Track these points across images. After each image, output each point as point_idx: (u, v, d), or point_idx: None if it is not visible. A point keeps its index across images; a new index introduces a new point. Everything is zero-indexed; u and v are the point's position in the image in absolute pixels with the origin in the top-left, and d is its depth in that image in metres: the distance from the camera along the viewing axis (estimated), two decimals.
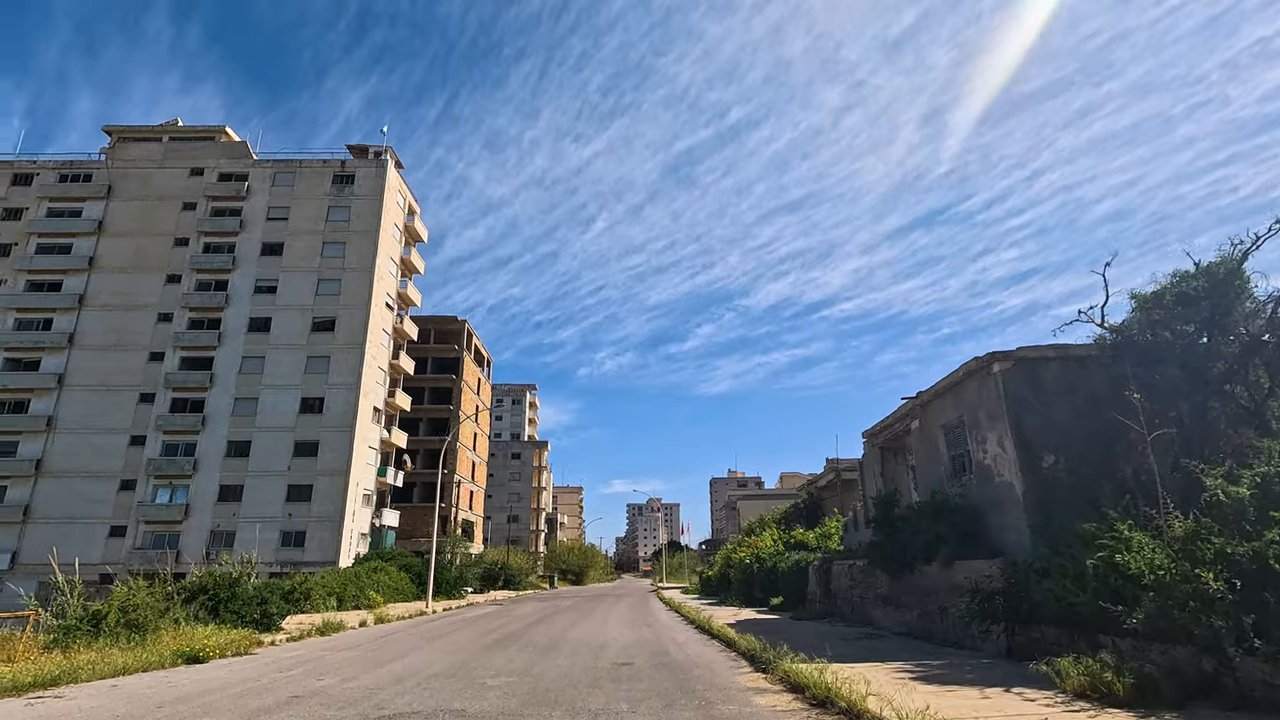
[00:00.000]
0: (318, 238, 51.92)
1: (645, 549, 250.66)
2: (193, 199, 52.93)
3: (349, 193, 53.28)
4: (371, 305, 50.30)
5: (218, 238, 51.95)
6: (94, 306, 50.24)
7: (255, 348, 49.16)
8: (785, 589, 22.33)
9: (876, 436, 18.53)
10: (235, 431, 47.27)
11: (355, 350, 49.13)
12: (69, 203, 52.91)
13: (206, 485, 46.16)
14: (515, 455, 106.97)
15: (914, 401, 15.32)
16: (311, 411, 47.89)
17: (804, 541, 25.11)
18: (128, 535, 45.24)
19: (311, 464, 46.69)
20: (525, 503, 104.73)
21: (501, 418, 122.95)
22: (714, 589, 38.11)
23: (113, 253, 51.53)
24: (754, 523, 34.35)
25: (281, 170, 53.85)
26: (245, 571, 24.01)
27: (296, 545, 45.26)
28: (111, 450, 46.90)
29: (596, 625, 20.62)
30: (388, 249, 53.58)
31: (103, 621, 14.26)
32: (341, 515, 45.60)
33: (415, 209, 59.54)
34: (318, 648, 15.18)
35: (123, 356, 49.02)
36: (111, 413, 47.71)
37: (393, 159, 56.12)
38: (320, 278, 50.94)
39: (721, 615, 19.98)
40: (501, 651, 13.89)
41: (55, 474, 46.43)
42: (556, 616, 25.08)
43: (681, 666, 11.05)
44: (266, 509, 45.70)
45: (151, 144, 55.11)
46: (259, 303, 50.23)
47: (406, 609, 27.69)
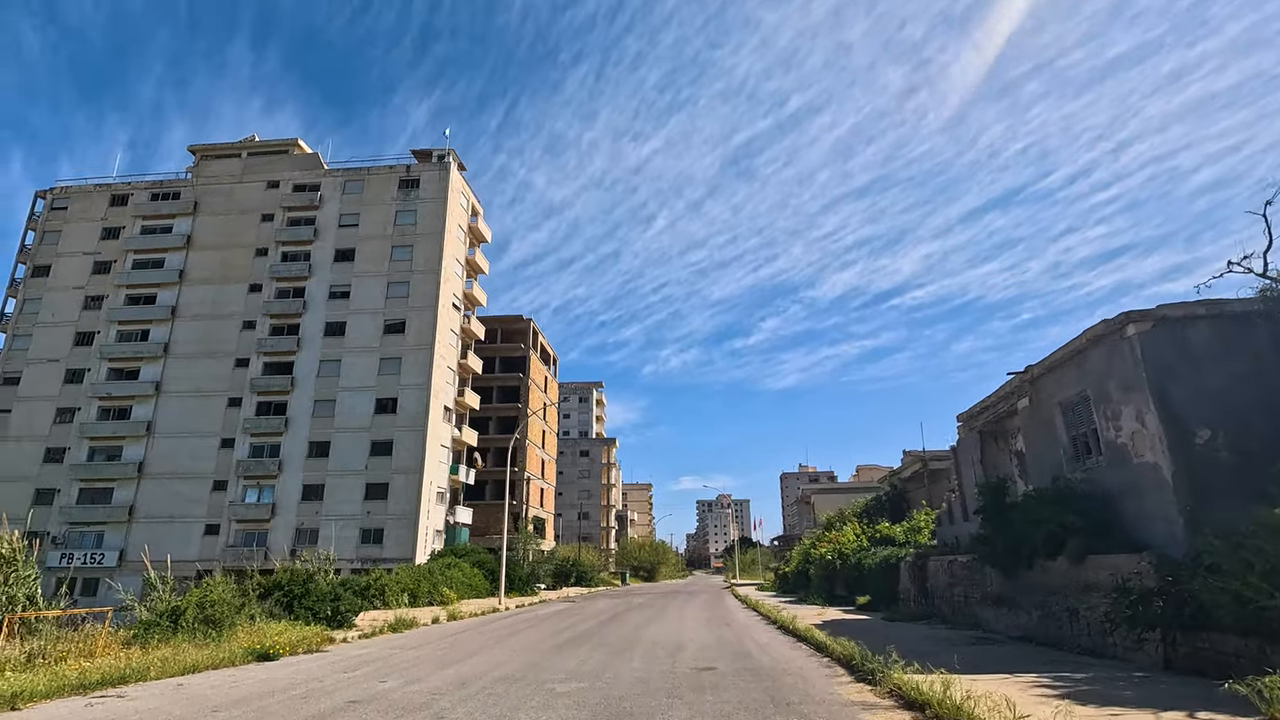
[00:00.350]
0: (386, 242, 53.08)
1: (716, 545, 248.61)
2: (270, 210, 55.09)
3: (414, 197, 54.25)
4: (439, 306, 51.01)
5: (294, 246, 53.87)
6: (185, 317, 52.99)
7: (331, 351, 50.68)
8: (872, 587, 20.76)
9: (974, 420, 16.77)
10: (315, 433, 48.84)
11: (425, 351, 49.93)
12: (160, 220, 56.05)
13: (290, 485, 47.88)
14: (584, 453, 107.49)
15: (1022, 377, 13.61)
16: (385, 412, 48.97)
17: (890, 536, 23.39)
18: (221, 533, 47.44)
19: (387, 463, 47.72)
20: (595, 500, 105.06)
21: (569, 416, 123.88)
22: (791, 586, 36.54)
23: (200, 265, 54.23)
24: (832, 517, 32.65)
25: (351, 178, 55.38)
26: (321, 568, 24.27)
27: (375, 542, 46.36)
28: (204, 453, 49.30)
29: (671, 624, 19.67)
30: (453, 250, 54.26)
31: (181, 617, 14.33)
32: (417, 513, 46.39)
33: (478, 210, 60.16)
34: (387, 646, 14.84)
35: (212, 364, 51.48)
36: (203, 417, 50.17)
37: (455, 161, 56.82)
38: (390, 281, 52.06)
39: (804, 614, 18.66)
40: (573, 652, 13.12)
41: (155, 476, 49.19)
42: (629, 614, 24.29)
43: (769, 673, 9.93)
44: (346, 507, 47.00)
45: (231, 160, 57.74)
46: (334, 308, 51.77)
47: (479, 605, 27.53)
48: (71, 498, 49.30)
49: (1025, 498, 12.16)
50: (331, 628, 16.60)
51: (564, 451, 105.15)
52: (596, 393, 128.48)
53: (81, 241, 55.98)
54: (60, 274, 55.22)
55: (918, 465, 27.60)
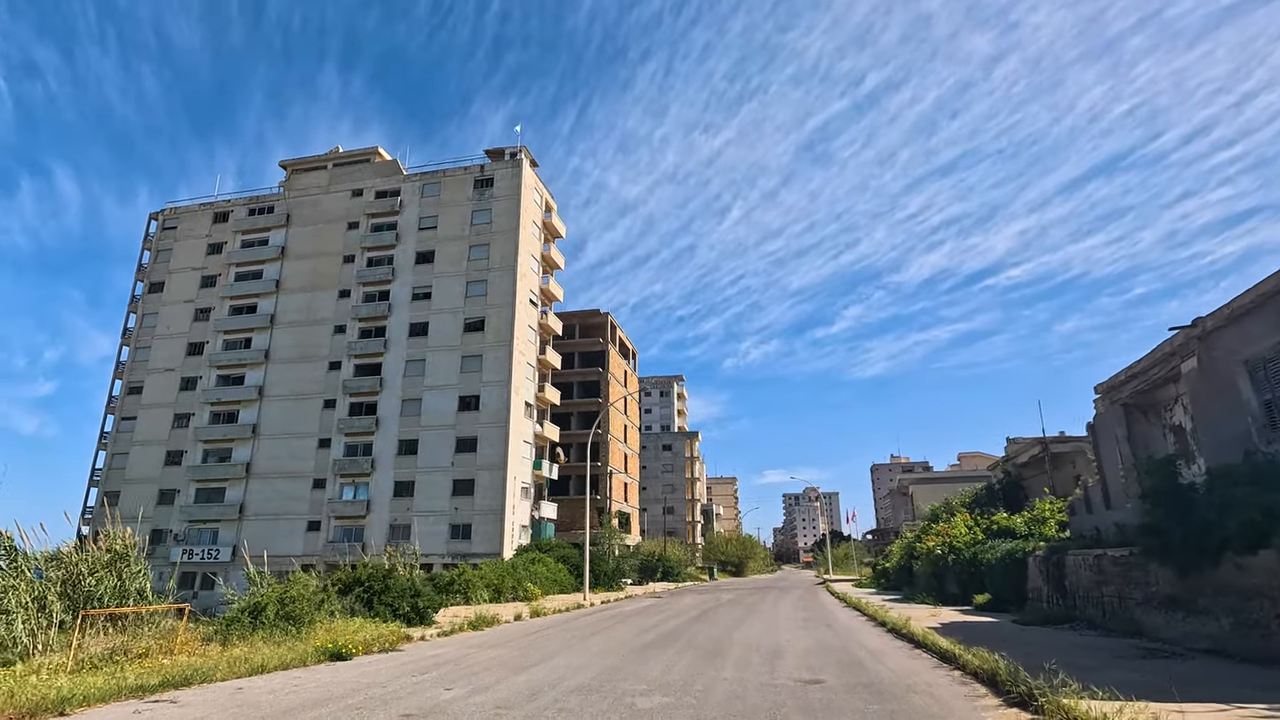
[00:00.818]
0: (464, 242, 53.73)
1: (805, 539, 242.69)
2: (355, 218, 56.96)
3: (489, 196, 54.67)
4: (516, 303, 51.13)
5: (378, 251, 55.45)
6: (282, 324, 55.58)
7: (416, 351, 51.78)
8: (993, 585, 18.44)
9: (1118, 390, 14.30)
10: (404, 431, 50.02)
11: (504, 347, 50.17)
12: (257, 233, 59.08)
13: (383, 482, 49.24)
14: (666, 447, 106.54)
15: (1187, 333, 11.23)
16: (469, 409, 49.54)
17: (1010, 528, 20.85)
18: (321, 530, 49.39)
19: (472, 459, 48.24)
20: (679, 494, 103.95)
21: (651, 410, 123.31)
22: (893, 582, 34.02)
23: (294, 274, 56.75)
24: (937, 508, 29.97)
25: (428, 181, 56.44)
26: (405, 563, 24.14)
27: (464, 538, 46.96)
28: (304, 453, 51.49)
29: (765, 623, 18.12)
30: (528, 246, 54.31)
31: (262, 614, 14.13)
32: (502, 508, 46.62)
33: (552, 205, 60.06)
34: (464, 645, 14.10)
35: (308, 367, 53.73)
36: (302, 419, 52.43)
37: (527, 158, 56.88)
38: (468, 280, 52.66)
39: (915, 615, 16.66)
40: (658, 655, 11.87)
41: (262, 475, 51.82)
42: (718, 611, 22.87)
43: (890, 690, 8.31)
44: (435, 503, 47.86)
45: (318, 172, 60.14)
46: (416, 309, 52.89)
47: (564, 601, 26.86)
48: (190, 497, 52.71)
49: (1210, 477, 9.87)
50: (411, 625, 16.12)
51: (646, 446, 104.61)
52: (677, 386, 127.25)
53: (190, 258, 59.83)
54: (172, 289, 59.22)
55: (1036, 449, 24.71)
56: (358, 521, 48.98)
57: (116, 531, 17.37)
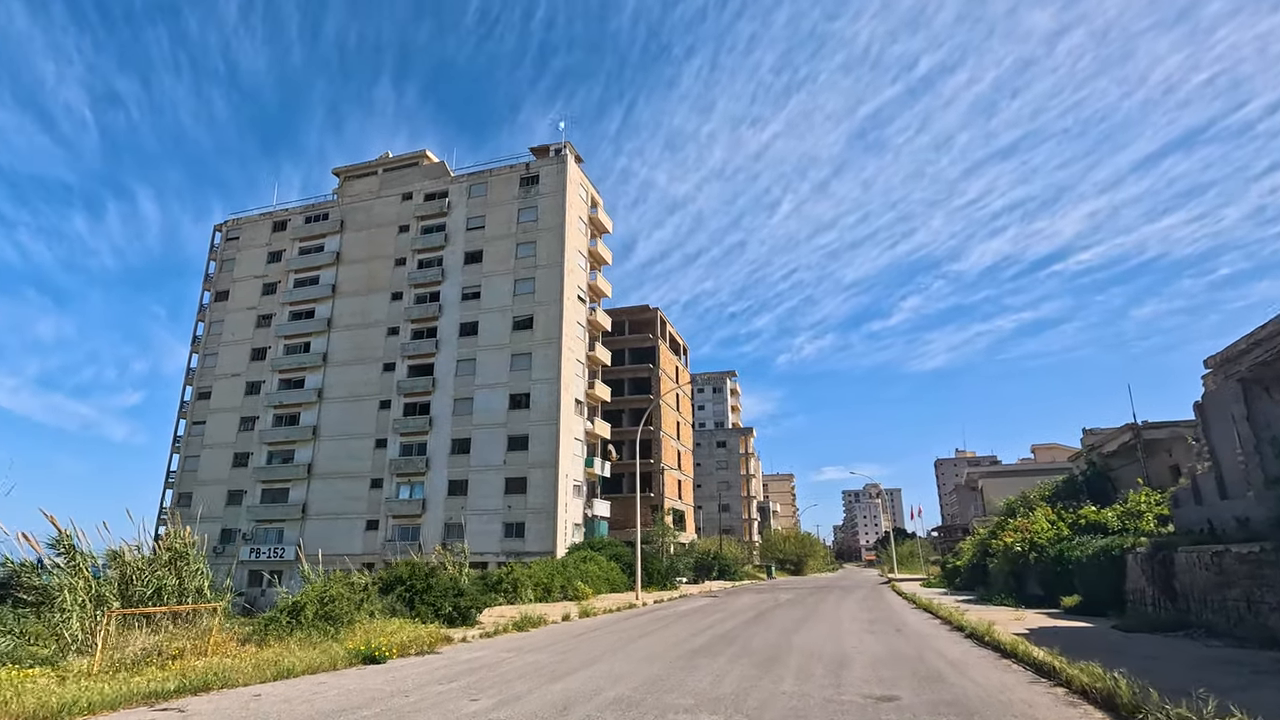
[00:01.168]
0: (510, 240, 53.69)
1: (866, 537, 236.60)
2: (405, 221, 57.71)
3: (534, 193, 54.47)
4: (564, 299, 50.73)
5: (428, 253, 56.01)
6: (339, 328, 56.78)
7: (466, 351, 52.01)
8: (1084, 585, 16.60)
9: (1235, 363, 12.44)
10: (456, 430, 50.28)
11: (553, 345, 49.84)
12: (313, 240, 60.60)
13: (437, 481, 49.61)
14: (721, 443, 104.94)
15: None
16: (519, 407, 49.40)
17: (1100, 523, 18.86)
18: (380, 528, 50.12)
19: (523, 457, 48.07)
20: (735, 491, 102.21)
21: (704, 407, 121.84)
22: (965, 582, 31.91)
23: (349, 279, 57.92)
24: (1012, 502, 27.82)
25: (475, 181, 56.67)
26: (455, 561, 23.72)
27: (517, 536, 46.82)
28: (362, 453, 52.41)
29: (828, 626, 16.80)
30: (574, 242, 53.86)
31: (301, 614, 13.75)
32: (554, 506, 46.27)
33: (597, 200, 59.49)
34: (504, 647, 13.36)
35: (363, 369, 54.70)
36: (359, 420, 53.40)
37: (572, 154, 56.44)
38: (516, 278, 52.57)
39: (996, 619, 15.05)
40: (708, 663, 10.82)
41: (322, 476, 53.01)
42: (777, 612, 21.59)
43: (980, 710, 7.05)
44: (488, 502, 47.91)
45: (370, 178, 61.25)
46: (466, 309, 53.13)
47: (615, 600, 26.05)
48: (256, 498, 54.38)
49: None
50: (453, 625, 15.54)
51: (700, 443, 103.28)
52: (730, 382, 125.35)
53: (251, 266, 61.86)
54: (236, 297, 61.33)
55: (1126, 435, 22.48)
56: (414, 520, 49.49)
57: (176, 531, 17.50)
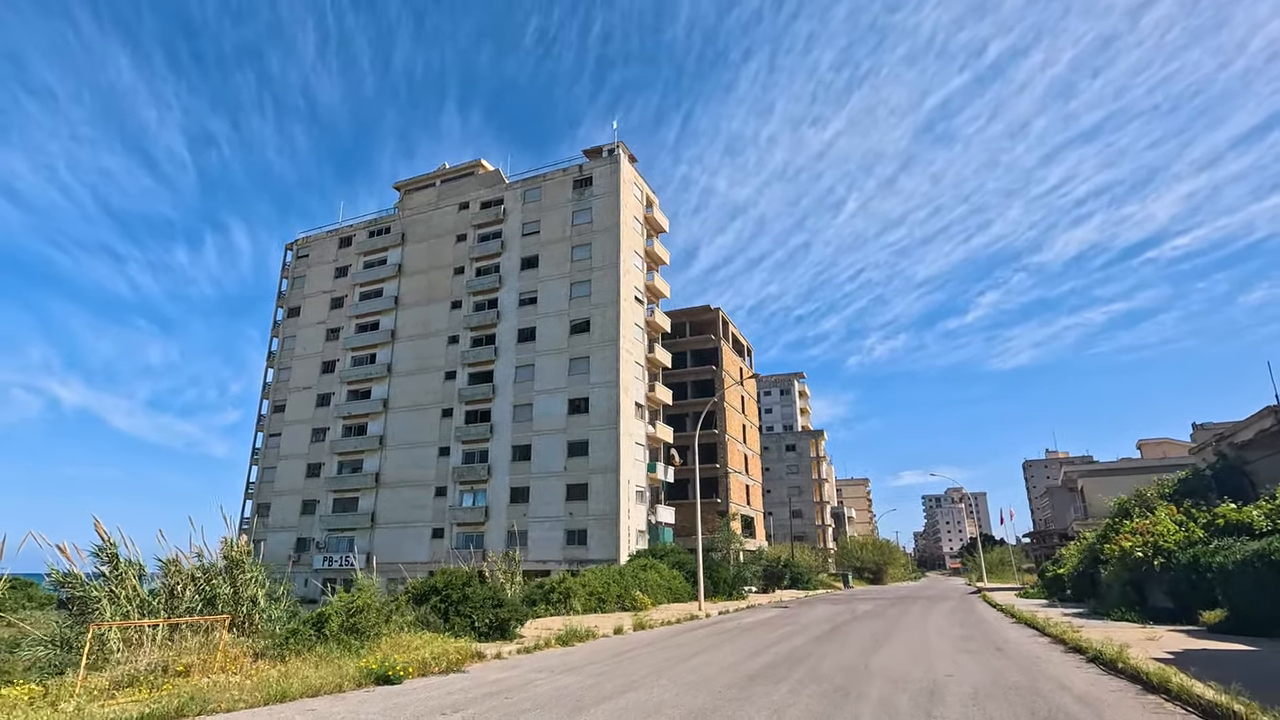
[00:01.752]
0: (566, 244, 53.08)
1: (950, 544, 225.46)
2: (463, 230, 58.10)
3: (588, 194, 53.73)
4: (620, 300, 49.61)
5: (485, 260, 56.14)
6: (402, 338, 57.60)
7: (525, 356, 51.61)
8: (1233, 597, 13.80)
9: None
10: (517, 437, 49.85)
11: (610, 347, 48.75)
12: (376, 254, 61.90)
13: (499, 488, 49.25)
14: (790, 447, 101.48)
15: None
16: (578, 412, 48.52)
17: (1244, 522, 15.89)
18: (445, 536, 50.13)
19: (584, 463, 47.10)
20: (807, 496, 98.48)
21: (771, 410, 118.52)
22: (1070, 592, 28.57)
23: (410, 290, 58.74)
24: (1125, 501, 24.49)
25: (529, 187, 56.47)
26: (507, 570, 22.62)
27: (580, 544, 45.80)
28: (426, 461, 52.73)
29: (912, 644, 14.62)
30: (630, 242, 52.74)
31: (325, 626, 12.81)
32: (616, 512, 45.02)
33: (653, 200, 58.22)
34: (537, 666, 11.97)
35: (426, 379, 55.18)
36: (423, 428, 53.81)
37: (625, 153, 55.45)
38: (571, 281, 51.87)
39: (1122, 638, 12.56)
40: (767, 691, 9.07)
41: (389, 485, 53.63)
42: (853, 627, 19.41)
43: None
44: (550, 509, 47.14)
45: (428, 190, 62.12)
46: (524, 314, 52.80)
47: (676, 611, 24.38)
48: (328, 507, 55.56)
49: None
50: (489, 640, 14.29)
51: (768, 447, 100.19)
52: (798, 384, 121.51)
53: (320, 282, 63.74)
54: (307, 312, 63.29)
55: (1268, 421, 19.19)
56: (477, 528, 49.25)
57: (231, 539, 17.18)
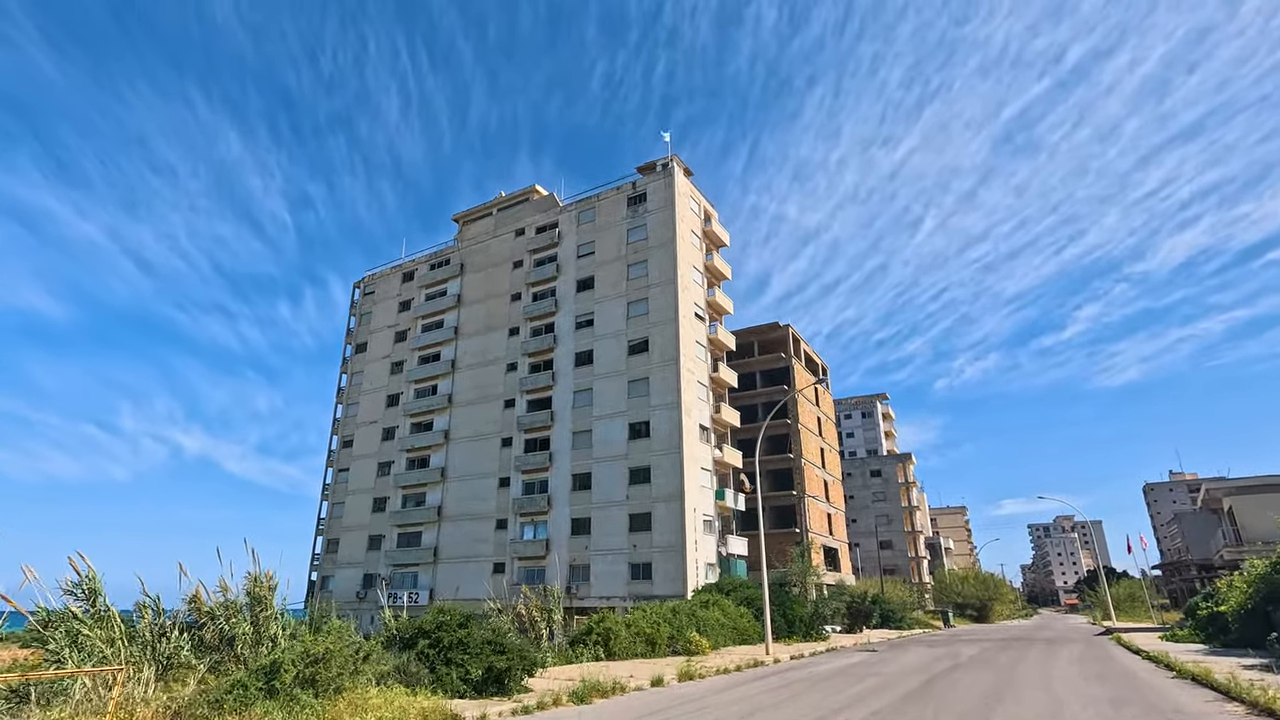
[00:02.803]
0: (621, 263, 51.19)
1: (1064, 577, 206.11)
2: (519, 257, 57.33)
3: (643, 210, 51.84)
4: (679, 316, 46.97)
5: (541, 285, 54.97)
6: (462, 368, 56.94)
7: (583, 381, 49.61)
8: None
9: None
10: (577, 465, 47.59)
11: (670, 366, 46.02)
12: (437, 286, 62.06)
13: (560, 520, 46.94)
14: (875, 473, 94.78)
15: None
16: (639, 437, 45.83)
17: None
18: (506, 571, 48.06)
19: (646, 491, 44.19)
20: (896, 526, 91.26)
21: (853, 435, 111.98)
22: (1235, 635, 23.10)
23: (470, 319, 58.26)
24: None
25: (583, 208, 55.20)
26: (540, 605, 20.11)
27: (644, 578, 42.66)
28: (486, 493, 51.19)
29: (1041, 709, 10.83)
30: (687, 257, 50.25)
31: (276, 678, 10.49)
32: (682, 544, 41.69)
33: (711, 213, 55.69)
34: None
35: (485, 408, 54.03)
36: (483, 459, 52.45)
37: (679, 166, 53.40)
38: (628, 301, 49.74)
39: None
40: None
41: (451, 518, 52.35)
42: (955, 679, 15.48)
43: None
44: (612, 540, 44.35)
45: (485, 219, 62.02)
46: (581, 338, 50.99)
47: (739, 656, 20.90)
48: (393, 542, 54.79)
49: None
50: (484, 695, 11.58)
51: (851, 473, 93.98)
52: (881, 405, 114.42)
53: (385, 317, 64.45)
54: (373, 348, 63.96)
55: None
56: (538, 562, 46.92)
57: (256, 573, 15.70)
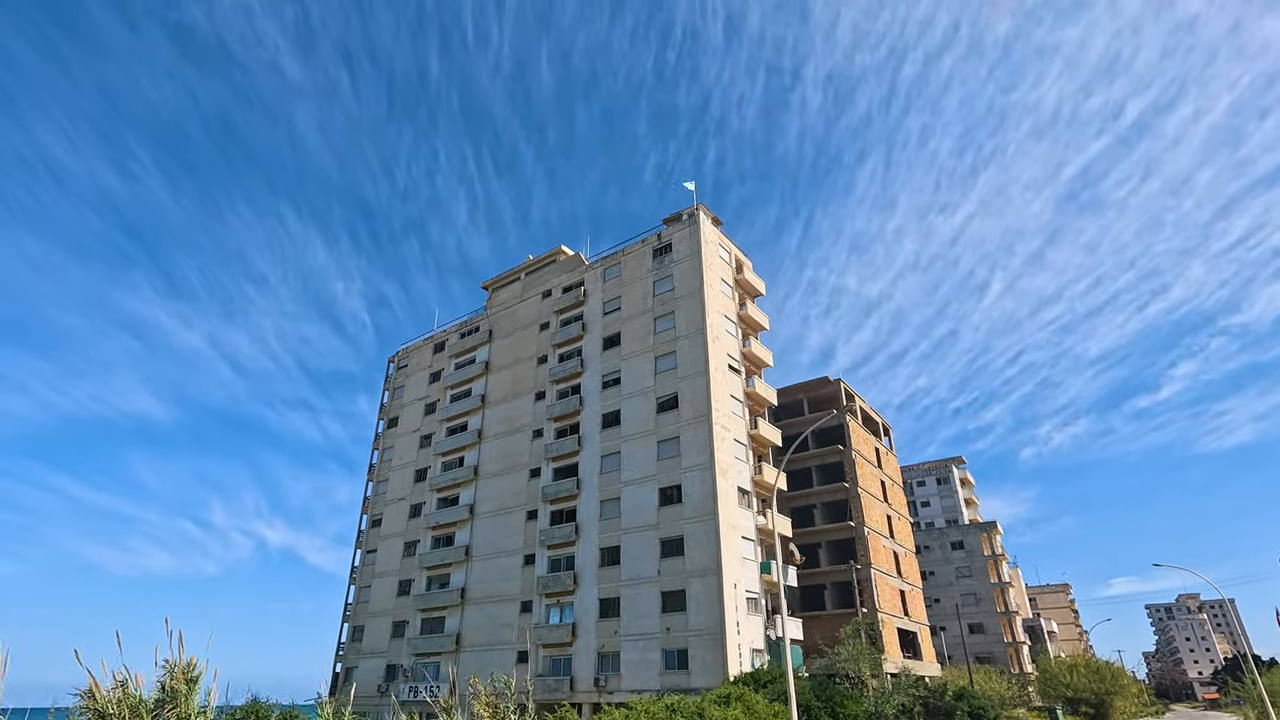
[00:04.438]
0: (648, 316, 48.12)
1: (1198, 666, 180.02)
2: (545, 320, 55.17)
3: (668, 261, 49.11)
4: (710, 368, 42.99)
5: (566, 346, 52.32)
6: (488, 437, 54.07)
7: (610, 444, 45.73)
8: None
9: None
10: (604, 537, 43.05)
11: (702, 423, 41.72)
12: (466, 354, 60.37)
13: (587, 600, 42.04)
14: (956, 545, 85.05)
15: None
16: (670, 503, 41.18)
17: None
18: (530, 660, 42.98)
19: (679, 565, 39.08)
20: (987, 606, 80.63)
21: (928, 503, 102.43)
22: None
23: (497, 386, 55.85)
24: None
25: (609, 264, 52.98)
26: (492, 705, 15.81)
27: (680, 667, 36.95)
28: (511, 572, 46.95)
29: None
30: (718, 306, 46.75)
31: None
32: (721, 626, 36.06)
33: (743, 261, 52.44)
34: None
35: (511, 479, 50.58)
36: (508, 534, 48.54)
37: (706, 215, 50.84)
38: (656, 355, 46.26)
39: None
40: None
41: (475, 601, 48.07)
42: None
43: None
44: (644, 622, 39.04)
45: (514, 284, 60.63)
46: (607, 398, 47.52)
47: None
48: (416, 628, 50.67)
49: None
50: None
51: (928, 546, 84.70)
52: (958, 470, 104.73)
53: (417, 390, 62.91)
54: (404, 422, 62.16)
55: None
56: (564, 649, 41.80)
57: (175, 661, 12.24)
